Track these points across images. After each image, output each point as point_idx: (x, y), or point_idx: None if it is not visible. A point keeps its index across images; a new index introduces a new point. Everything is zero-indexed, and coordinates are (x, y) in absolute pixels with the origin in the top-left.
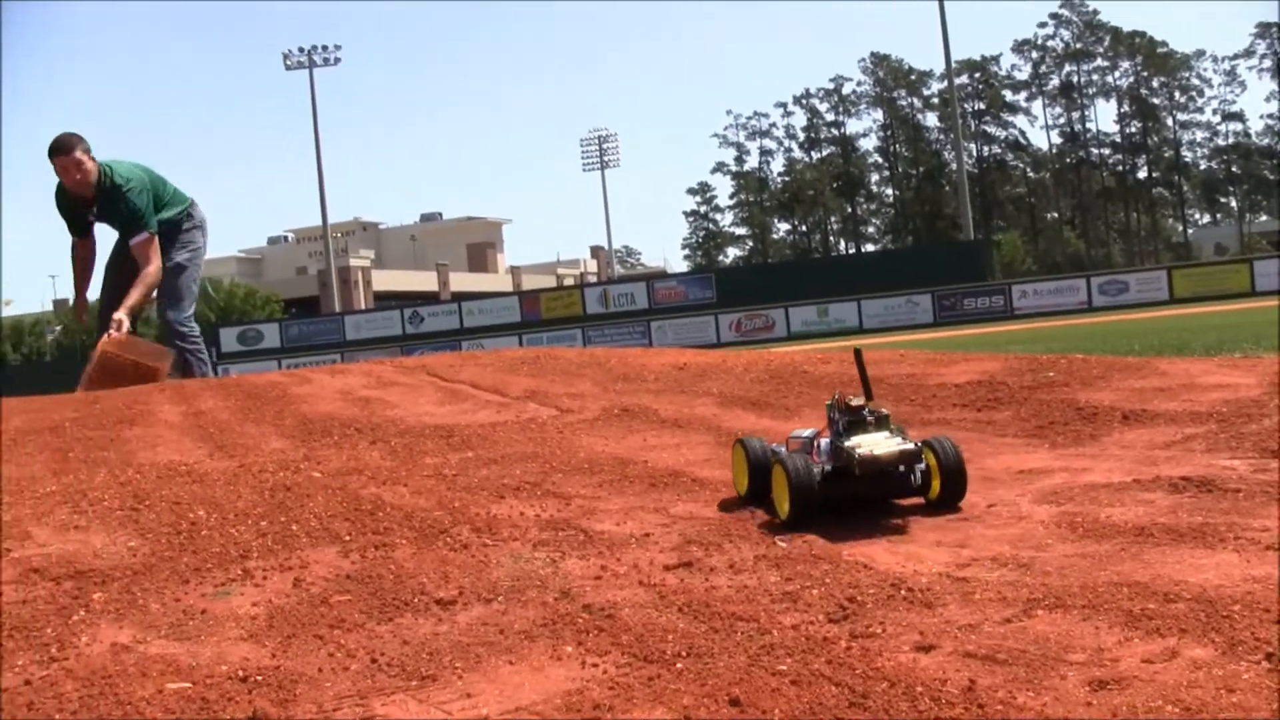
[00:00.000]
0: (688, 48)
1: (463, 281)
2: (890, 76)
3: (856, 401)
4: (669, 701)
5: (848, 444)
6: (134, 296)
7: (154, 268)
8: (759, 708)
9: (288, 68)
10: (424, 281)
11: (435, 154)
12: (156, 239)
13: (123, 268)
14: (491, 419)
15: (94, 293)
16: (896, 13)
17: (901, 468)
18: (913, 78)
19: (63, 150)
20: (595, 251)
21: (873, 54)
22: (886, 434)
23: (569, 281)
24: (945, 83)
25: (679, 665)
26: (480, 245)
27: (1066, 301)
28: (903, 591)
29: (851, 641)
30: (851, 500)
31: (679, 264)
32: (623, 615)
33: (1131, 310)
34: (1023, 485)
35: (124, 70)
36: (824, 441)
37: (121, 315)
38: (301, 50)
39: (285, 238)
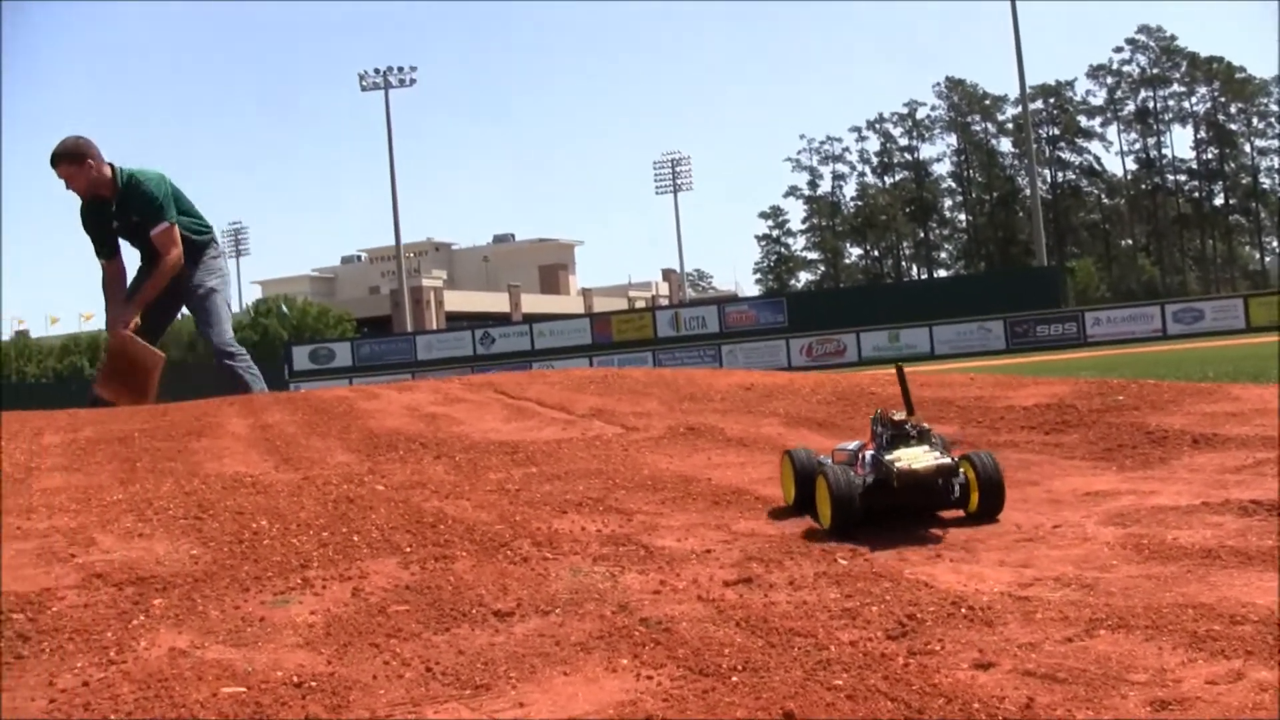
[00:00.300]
0: (762, 72)
1: (534, 303)
2: (965, 101)
3: (899, 416)
4: (722, 714)
5: (888, 457)
6: (149, 289)
7: (174, 256)
8: None
9: (364, 88)
10: (496, 302)
11: (509, 175)
12: (176, 228)
13: (160, 304)
14: (557, 436)
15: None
16: (972, 38)
17: (940, 481)
18: (987, 102)
19: (65, 157)
20: (667, 274)
21: (948, 78)
22: (927, 448)
23: (640, 304)
24: (1020, 108)
25: (734, 679)
26: (552, 267)
27: (1140, 329)
28: (963, 610)
29: (909, 658)
30: (891, 511)
31: (750, 288)
32: (680, 629)
33: (1207, 338)
34: (1089, 507)
35: (203, 90)
36: (868, 454)
37: (131, 313)
38: (377, 71)
39: (358, 257)
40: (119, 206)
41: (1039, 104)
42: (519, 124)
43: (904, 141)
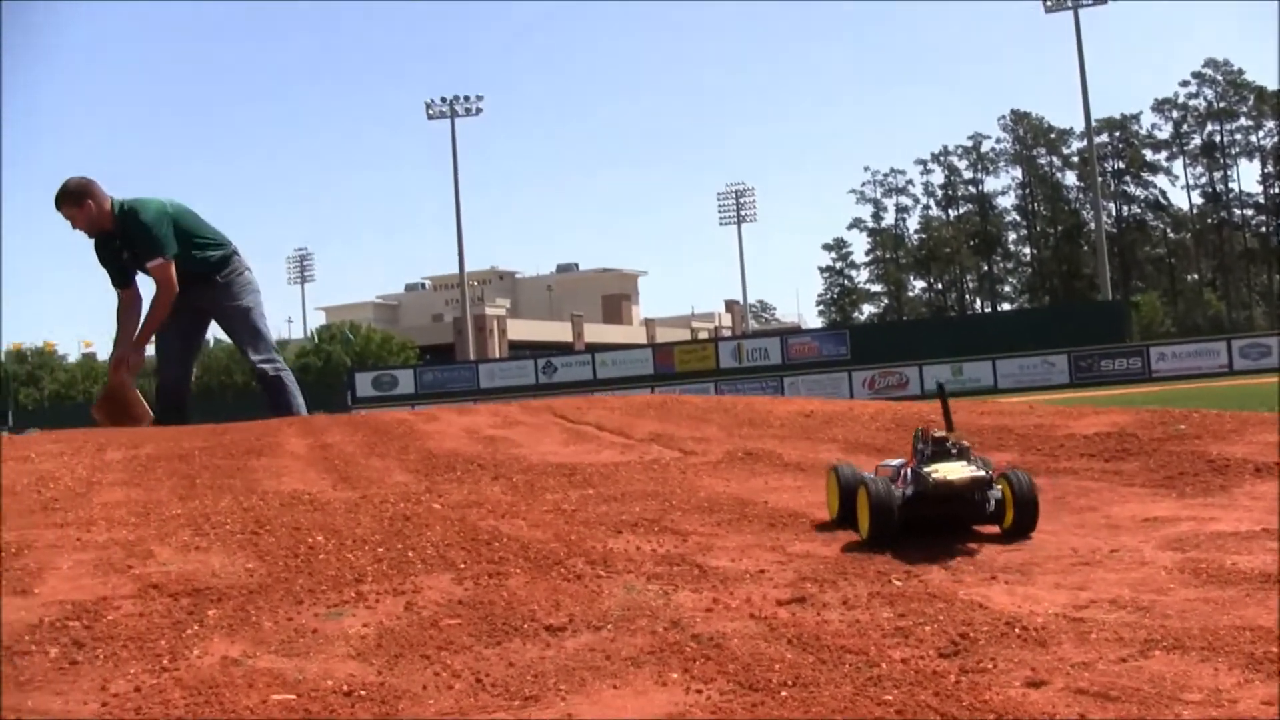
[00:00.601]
0: (827, 104)
1: (597, 333)
2: (1030, 134)
3: (939, 433)
4: None
5: (926, 469)
6: (146, 328)
7: (168, 294)
8: None
9: (430, 117)
10: (558, 332)
11: (573, 205)
12: (173, 265)
13: (181, 329)
14: (615, 459)
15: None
16: (1037, 70)
17: (975, 494)
18: (1052, 136)
19: (67, 198)
20: (730, 306)
21: (1013, 111)
22: (965, 463)
23: (703, 335)
24: (1085, 141)
25: (783, 694)
26: (615, 297)
27: (1207, 364)
28: (1017, 630)
29: (961, 676)
30: (929, 523)
31: (813, 320)
32: (731, 645)
33: (1274, 374)
34: (1147, 533)
35: (270, 118)
36: (908, 469)
37: (136, 354)
38: (444, 100)
39: (422, 285)
40: (121, 239)
41: (1104, 137)
42: (584, 154)
43: (968, 174)
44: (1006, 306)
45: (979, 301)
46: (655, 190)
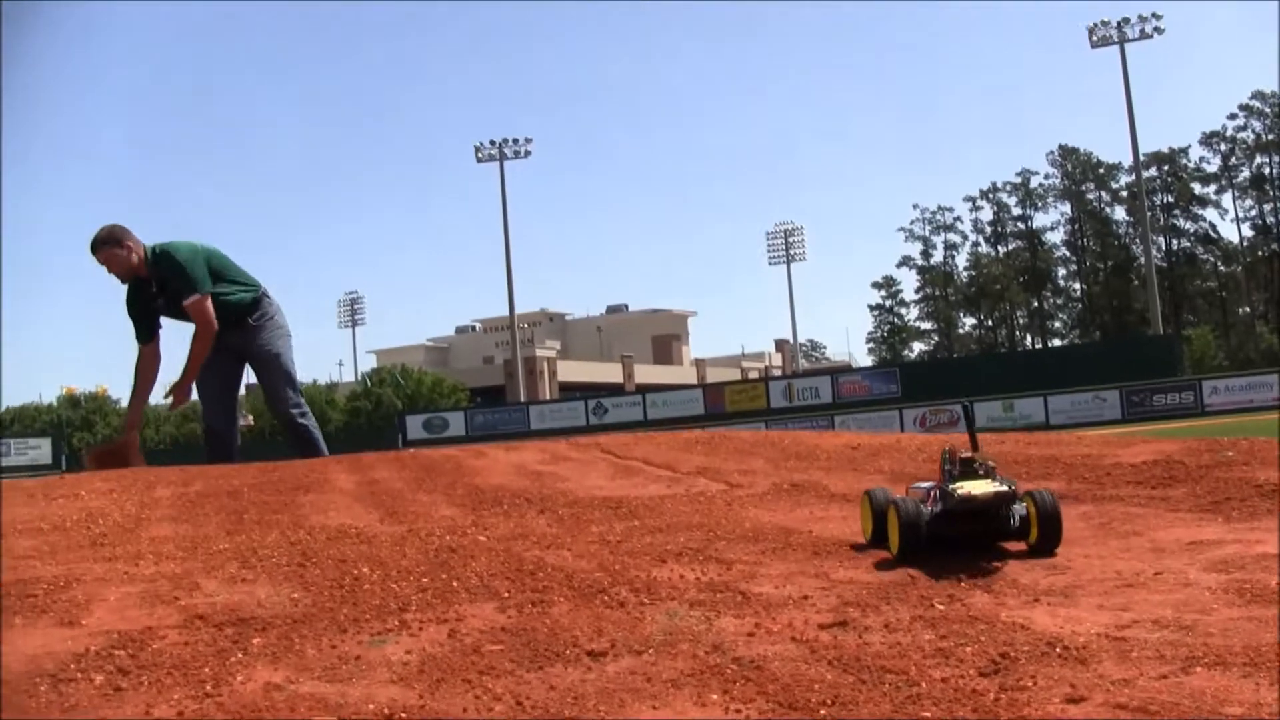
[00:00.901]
0: (873, 143)
1: (647, 373)
2: (1078, 169)
3: (966, 454)
4: None
5: (951, 487)
6: (191, 365)
7: (206, 328)
8: None
9: (479, 160)
10: (609, 373)
11: (622, 246)
12: (210, 300)
13: (220, 372)
14: (661, 492)
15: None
16: (1084, 106)
17: (999, 509)
18: (1101, 171)
19: (103, 244)
20: (780, 345)
21: (1061, 147)
22: (989, 480)
23: (753, 375)
24: (1134, 175)
25: (822, 712)
26: (665, 338)
27: (1260, 398)
28: (1058, 649)
29: (1000, 693)
30: (956, 540)
31: (863, 358)
32: (772, 667)
33: None
34: (1192, 555)
35: (320, 161)
36: (937, 489)
37: (182, 392)
38: (493, 143)
39: (473, 327)
40: (157, 283)
41: (1153, 171)
42: (633, 195)
43: (1017, 210)
44: (1057, 342)
45: (1029, 338)
46: (704, 231)
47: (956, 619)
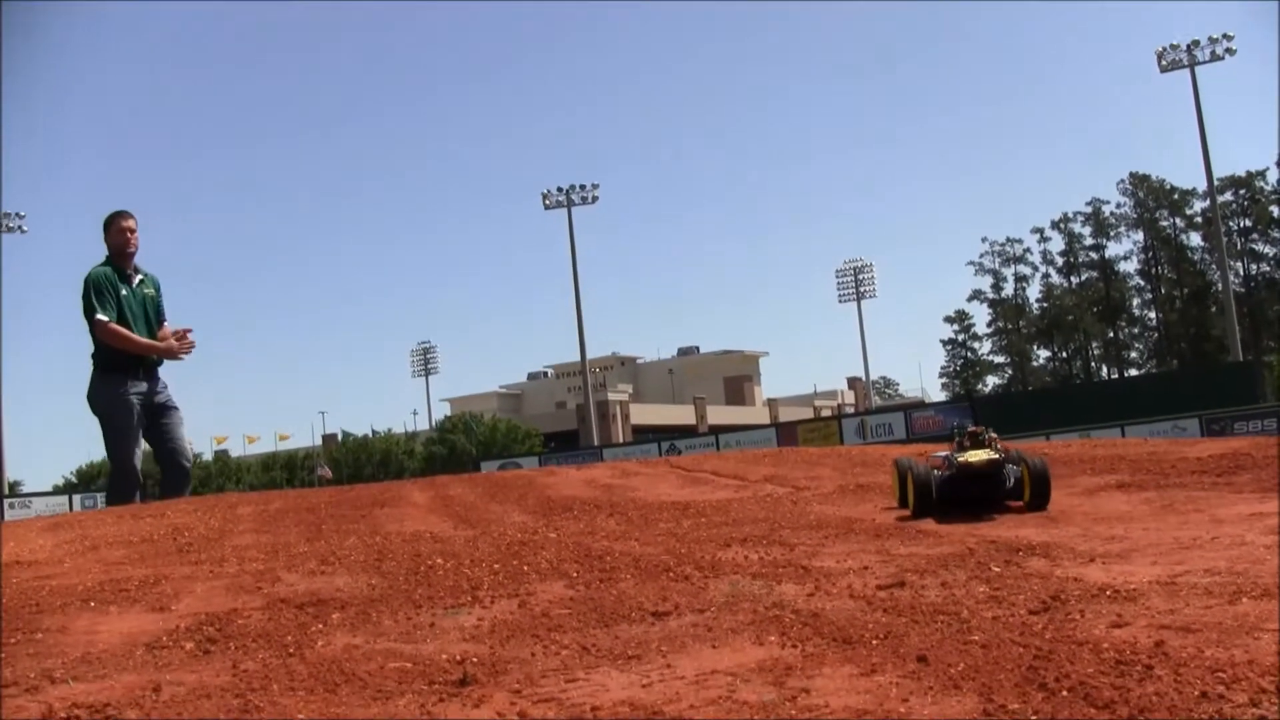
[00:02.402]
0: (940, 177)
1: (720, 414)
2: (1151, 196)
3: (973, 429)
4: (858, 661)
5: (958, 456)
6: (149, 347)
7: (169, 349)
8: (944, 662)
9: (546, 207)
10: (681, 415)
11: (692, 288)
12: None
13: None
14: (729, 497)
15: None
16: (1154, 132)
17: (994, 473)
18: (1175, 197)
19: (133, 216)
20: (852, 383)
21: (1132, 174)
22: (988, 451)
23: (826, 413)
24: (1208, 201)
25: (874, 643)
26: (737, 378)
27: None
28: (1108, 593)
29: (1048, 625)
30: (962, 499)
31: (937, 393)
32: (828, 614)
33: None
34: (1250, 524)
35: (392, 213)
36: (948, 457)
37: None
38: (560, 190)
39: (545, 373)
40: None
41: (1228, 196)
42: (701, 236)
43: (1089, 240)
44: (1133, 372)
45: (1105, 368)
46: (773, 270)
47: (1012, 577)
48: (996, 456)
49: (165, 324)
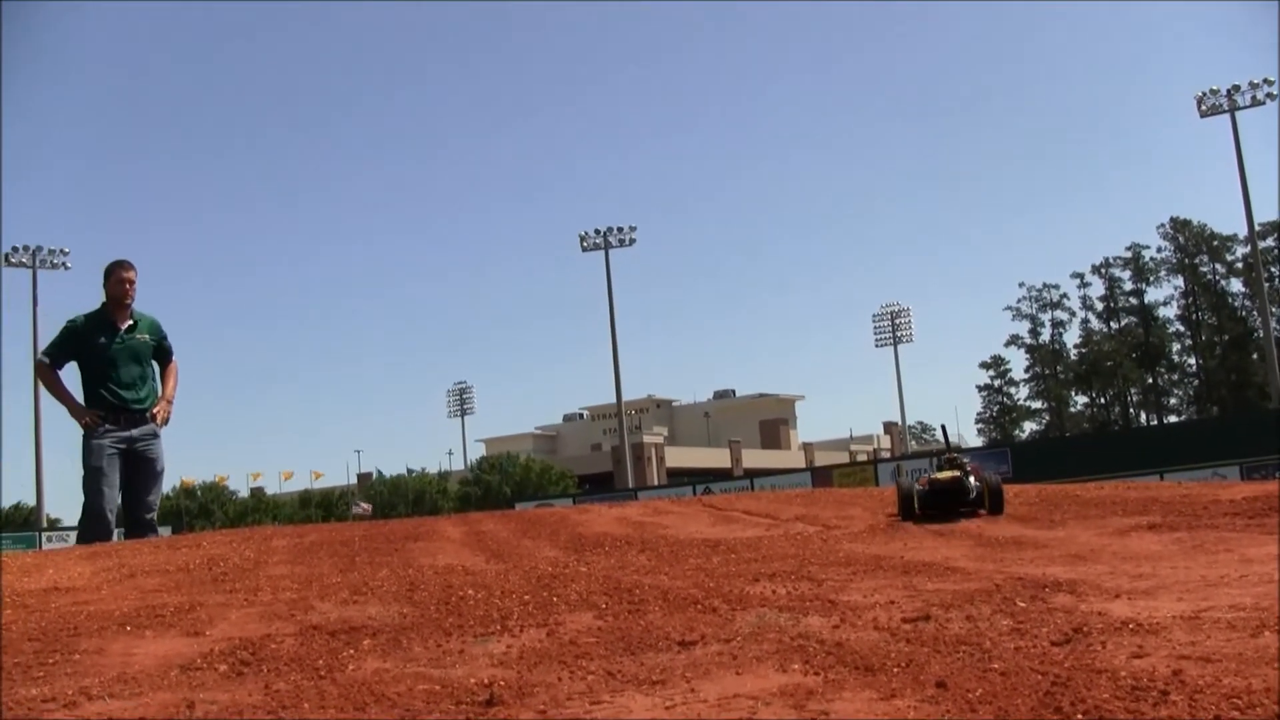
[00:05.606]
0: (977, 222)
1: (755, 458)
2: (1191, 242)
3: (949, 455)
4: (878, 687)
5: (932, 475)
6: (172, 395)
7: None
8: (963, 688)
9: (584, 249)
10: (716, 458)
11: (729, 332)
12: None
13: (117, 459)
14: (759, 534)
15: None
16: (1195, 176)
17: (955, 486)
18: (1215, 242)
19: (133, 268)
20: (888, 427)
21: (1172, 219)
22: (954, 470)
23: (861, 457)
24: (1249, 246)
25: (895, 670)
26: (773, 422)
27: None
28: (1131, 626)
29: (1069, 655)
30: (939, 507)
31: (973, 439)
32: (851, 644)
33: None
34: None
35: (427, 255)
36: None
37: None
38: (597, 232)
39: (580, 415)
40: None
41: (1270, 241)
42: (738, 279)
43: (1129, 286)
44: (1173, 419)
45: (1144, 415)
46: (810, 314)
47: (1037, 611)
48: (958, 474)
49: (174, 362)
